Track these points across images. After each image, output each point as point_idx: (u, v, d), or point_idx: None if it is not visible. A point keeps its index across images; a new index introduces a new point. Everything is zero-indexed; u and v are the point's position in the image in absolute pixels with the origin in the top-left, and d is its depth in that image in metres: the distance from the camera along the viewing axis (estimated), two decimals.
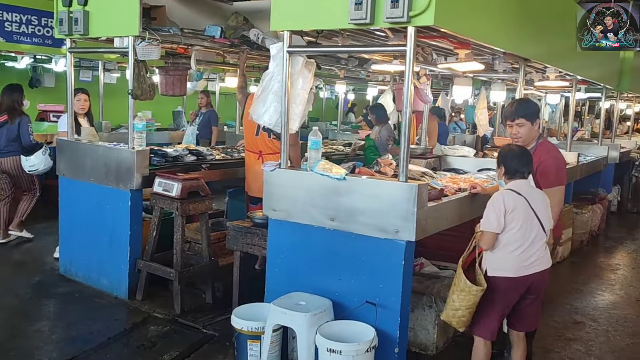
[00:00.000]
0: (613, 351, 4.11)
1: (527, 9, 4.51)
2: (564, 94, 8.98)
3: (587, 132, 11.63)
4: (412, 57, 3.09)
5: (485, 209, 3.14)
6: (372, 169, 4.60)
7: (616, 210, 9.59)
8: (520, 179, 3.17)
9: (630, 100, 12.01)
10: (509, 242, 3.07)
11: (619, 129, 13.10)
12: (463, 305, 3.08)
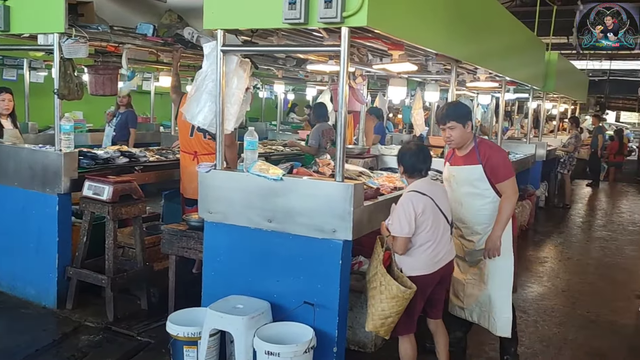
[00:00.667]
0: (542, 340, 4.29)
1: (458, 11, 4.64)
2: (495, 94, 9.34)
3: (517, 131, 12.12)
4: (346, 58, 3.11)
5: (394, 213, 3.18)
6: (311, 169, 4.61)
7: (544, 205, 10.06)
8: (420, 177, 3.26)
9: (556, 100, 12.61)
10: (422, 242, 3.16)
11: (546, 127, 13.76)
12: (394, 311, 3.12)
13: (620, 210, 10.64)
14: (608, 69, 25.21)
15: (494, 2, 6.20)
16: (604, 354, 4.14)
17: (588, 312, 4.94)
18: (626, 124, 27.13)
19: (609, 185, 14.32)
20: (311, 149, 6.11)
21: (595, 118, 15.99)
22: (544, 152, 9.14)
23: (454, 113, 3.59)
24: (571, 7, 12.45)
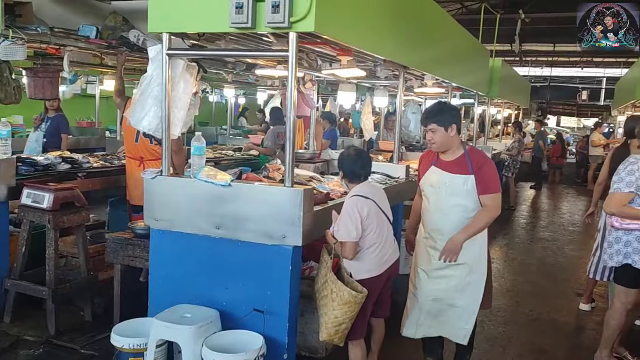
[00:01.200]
0: (488, 340, 4.41)
1: (405, 19, 4.72)
2: (442, 99, 9.54)
3: (464, 135, 12.43)
4: (294, 63, 3.10)
5: (340, 219, 3.21)
6: (261, 174, 4.58)
7: None
8: (360, 182, 3.33)
9: (500, 105, 13.04)
10: (369, 245, 3.23)
11: (491, 132, 14.20)
12: (347, 317, 3.15)
13: (561, 212, 11.08)
14: (549, 76, 26.33)
15: (440, 11, 6.35)
16: (545, 350, 4.29)
17: (531, 311, 5.11)
18: (566, 128, 28.29)
19: (551, 187, 14.89)
20: (268, 150, 6.14)
21: (537, 123, 16.63)
22: (489, 155, 9.42)
23: (434, 115, 3.36)
24: (513, 16, 12.94)
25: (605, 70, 24.54)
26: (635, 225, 3.62)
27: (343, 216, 3.18)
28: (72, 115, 9.95)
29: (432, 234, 3.45)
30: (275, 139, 6.00)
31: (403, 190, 5.06)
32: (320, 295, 3.25)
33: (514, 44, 13.24)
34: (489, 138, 12.52)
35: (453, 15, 18.68)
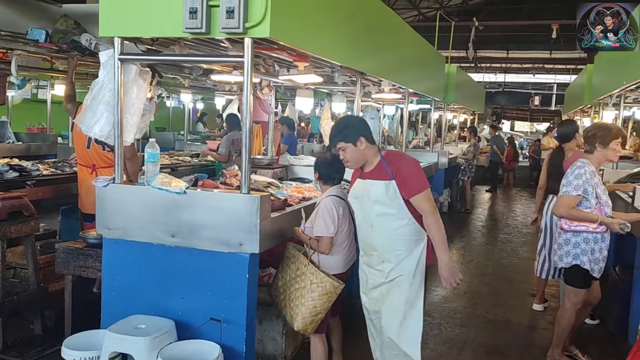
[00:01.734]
0: (445, 342, 4.47)
1: (362, 26, 4.77)
2: (399, 105, 9.68)
3: (421, 140, 12.63)
4: (250, 69, 3.08)
5: (318, 216, 3.42)
6: (218, 180, 4.52)
7: (447, 211, 10.55)
8: (333, 185, 3.56)
9: (456, 111, 13.31)
10: (341, 242, 3.46)
11: (448, 137, 14.48)
12: (325, 307, 3.32)
13: (515, 214, 11.37)
14: (503, 82, 27.10)
15: (396, 18, 6.44)
16: (500, 351, 4.38)
17: (487, 312, 5.22)
18: (520, 132, 29.10)
19: (505, 190, 15.27)
20: (221, 157, 6.09)
21: (492, 128, 17.06)
22: (446, 160, 9.61)
23: (340, 133, 3.22)
24: (467, 24, 13.27)
25: (556, 76, 25.44)
26: (583, 227, 3.75)
27: (322, 213, 3.37)
28: (23, 120, 9.64)
29: (365, 249, 3.32)
30: (230, 145, 5.97)
31: None
32: (295, 286, 3.37)
33: (469, 51, 13.53)
34: (446, 142, 12.77)
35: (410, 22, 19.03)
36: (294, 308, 3.35)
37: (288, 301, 3.41)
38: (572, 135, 5.12)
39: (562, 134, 5.28)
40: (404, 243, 3.14)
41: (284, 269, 3.53)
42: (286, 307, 3.44)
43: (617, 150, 3.80)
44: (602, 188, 3.82)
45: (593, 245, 3.76)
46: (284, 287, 3.47)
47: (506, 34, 21.29)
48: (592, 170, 3.76)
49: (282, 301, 3.50)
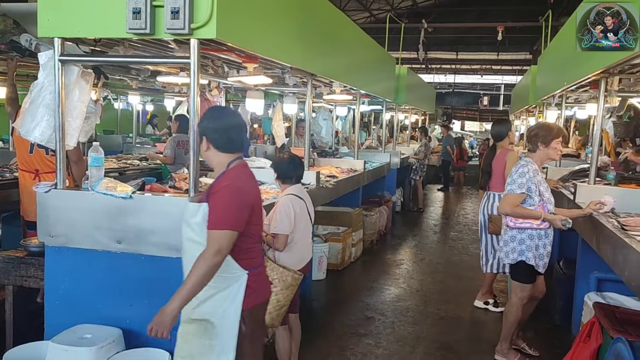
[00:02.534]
0: (398, 340, 4.53)
1: (312, 28, 4.78)
2: (351, 106, 9.75)
3: (374, 140, 12.76)
4: (196, 70, 3.03)
5: (275, 214, 3.51)
6: (167, 184, 4.42)
7: (400, 210, 10.70)
8: (292, 184, 3.66)
9: (407, 111, 13.51)
10: (297, 239, 3.55)
11: (400, 137, 14.69)
12: (288, 299, 3.43)
13: (466, 212, 11.64)
14: (453, 82, 27.73)
15: (347, 20, 6.49)
16: (451, 347, 4.47)
17: (438, 309, 5.32)
18: (470, 132, 29.81)
19: (456, 189, 15.62)
20: (167, 159, 5.98)
21: (444, 128, 17.41)
22: (398, 160, 9.74)
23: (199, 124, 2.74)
24: (417, 25, 13.49)
25: (503, 77, 26.22)
26: (528, 224, 3.87)
27: (280, 211, 3.47)
28: None
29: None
30: (176, 147, 5.87)
31: (314, 196, 5.08)
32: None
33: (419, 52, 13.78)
34: (398, 143, 12.95)
35: (361, 24, 19.22)
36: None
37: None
38: (504, 134, 5.43)
39: (495, 133, 5.58)
40: (213, 279, 2.42)
41: None
42: None
43: (558, 149, 3.94)
44: (545, 186, 3.95)
45: (537, 241, 3.89)
46: None
47: (455, 35, 21.81)
48: (535, 168, 3.89)
49: None
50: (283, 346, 3.66)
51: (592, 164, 4.58)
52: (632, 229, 3.42)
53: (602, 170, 5.79)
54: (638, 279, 2.78)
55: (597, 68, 4.13)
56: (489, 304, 5.50)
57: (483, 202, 5.44)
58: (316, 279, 5.86)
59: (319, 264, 5.95)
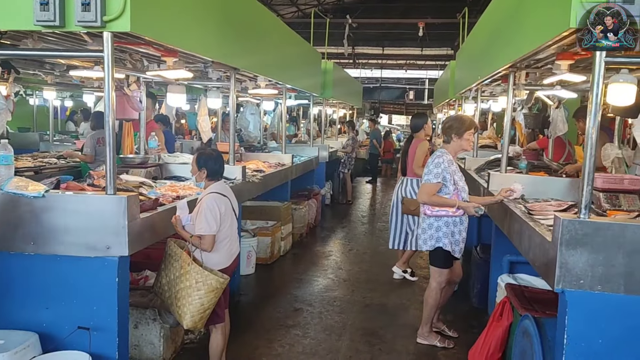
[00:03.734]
0: (325, 330, 4.62)
1: (234, 23, 4.76)
2: (278, 100, 9.76)
3: (303, 135, 12.84)
4: (110, 64, 2.97)
5: (200, 214, 3.36)
6: (84, 182, 4.28)
7: (329, 203, 10.85)
8: (217, 181, 3.61)
9: (335, 106, 13.70)
10: (223, 238, 3.50)
11: (330, 131, 14.87)
12: (212, 303, 3.39)
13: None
14: (380, 77, 28.30)
15: (271, 16, 6.51)
16: (376, 332, 4.61)
17: (364, 298, 5.46)
18: (397, 125, 30.56)
19: (384, 181, 16.00)
20: (87, 157, 5.78)
21: (371, 122, 17.77)
22: (326, 154, 9.87)
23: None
24: (342, 21, 13.68)
25: (427, 72, 27.04)
26: (444, 212, 4.05)
27: (204, 211, 3.37)
28: None
29: None
30: (95, 144, 5.69)
31: (240, 191, 5.08)
32: (178, 287, 3.38)
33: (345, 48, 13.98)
34: (328, 137, 13.11)
35: (289, 18, 19.24)
36: (181, 307, 3.37)
37: (175, 300, 3.41)
38: (420, 126, 6.02)
39: (413, 125, 6.21)
40: None
41: (167, 266, 3.51)
42: (173, 305, 3.45)
43: (470, 140, 4.15)
44: (460, 175, 4.16)
45: (453, 228, 4.09)
46: (168, 286, 3.47)
47: (381, 31, 22.26)
48: (449, 159, 4.08)
49: (168, 299, 3.50)
50: (217, 345, 3.58)
51: (503, 154, 4.85)
52: (537, 213, 3.66)
53: (515, 160, 6.15)
54: (541, 260, 2.99)
55: (506, 63, 4.39)
56: (407, 273, 6.08)
57: (397, 185, 6.03)
58: (245, 273, 5.86)
59: (248, 258, 5.95)
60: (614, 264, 2.59)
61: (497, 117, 10.82)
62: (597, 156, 4.97)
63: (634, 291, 2.58)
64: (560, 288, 2.65)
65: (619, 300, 2.60)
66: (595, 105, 2.64)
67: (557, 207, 3.77)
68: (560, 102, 5.77)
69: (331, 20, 11.76)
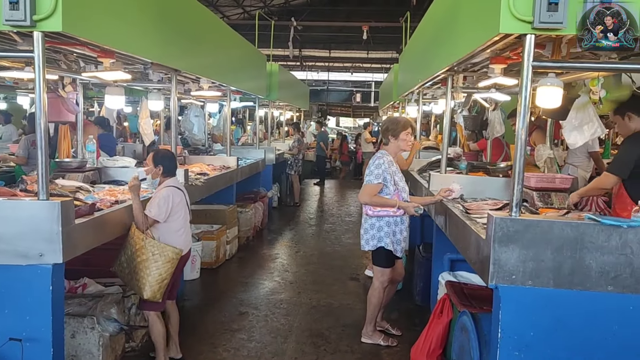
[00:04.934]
0: (271, 332, 4.61)
1: (175, 24, 4.68)
2: (222, 102, 9.66)
3: (249, 137, 12.76)
4: (41, 65, 2.87)
5: (156, 200, 3.73)
6: (17, 187, 4.11)
7: (277, 205, 10.83)
8: (172, 177, 3.90)
9: (282, 108, 13.68)
10: (178, 228, 3.81)
11: (276, 133, 14.84)
12: (169, 273, 3.68)
13: (340, 204, 12.07)
14: (327, 80, 28.50)
15: (214, 18, 6.44)
16: (322, 334, 4.64)
17: (310, 299, 5.49)
18: (344, 127, 30.85)
19: (334, 183, 16.11)
20: (19, 159, 5.57)
21: (318, 124, 17.86)
22: (273, 156, 9.84)
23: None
24: (287, 23, 13.70)
25: (373, 75, 27.45)
26: (385, 212, 4.13)
27: (158, 199, 3.70)
28: None
29: None
30: (29, 146, 5.48)
31: None
32: (135, 261, 3.67)
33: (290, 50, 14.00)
34: (275, 139, 13.09)
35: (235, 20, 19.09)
36: (140, 280, 3.65)
37: (134, 274, 3.69)
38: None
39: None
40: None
41: (125, 245, 3.76)
42: (132, 280, 3.71)
43: (407, 140, 4.24)
44: (400, 175, 4.24)
45: (394, 227, 4.17)
46: (127, 262, 3.73)
47: (328, 34, 22.44)
48: (389, 160, 4.16)
49: (127, 275, 3.75)
50: (157, 330, 3.75)
51: (442, 154, 4.98)
52: (474, 212, 3.79)
53: (455, 161, 6.34)
54: (476, 257, 3.09)
55: (444, 66, 4.51)
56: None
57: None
58: (189, 278, 5.78)
59: (192, 263, 5.86)
60: (543, 260, 2.71)
61: (440, 119, 11.11)
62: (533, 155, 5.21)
63: (561, 285, 2.71)
64: (494, 284, 2.75)
65: (548, 294, 2.73)
66: (524, 107, 2.75)
67: (493, 206, 3.92)
68: (497, 105, 5.98)
69: (276, 22, 11.74)
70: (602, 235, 2.68)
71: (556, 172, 4.89)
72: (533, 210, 3.93)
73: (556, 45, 3.08)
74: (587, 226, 2.70)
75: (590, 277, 2.69)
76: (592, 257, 2.69)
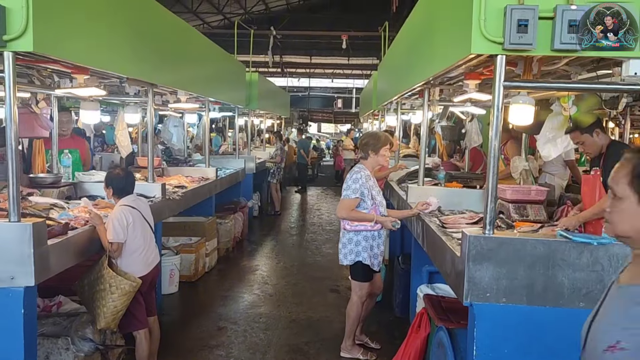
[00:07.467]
0: (249, 348, 4.58)
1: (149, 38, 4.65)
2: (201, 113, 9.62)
3: (230, 146, 12.71)
4: (11, 84, 2.84)
5: (110, 223, 3.63)
6: None
7: (258, 214, 10.79)
8: (127, 195, 3.82)
9: (262, 116, 13.66)
10: (136, 248, 3.71)
11: (257, 141, 14.79)
12: (125, 305, 3.60)
13: (321, 212, 12.07)
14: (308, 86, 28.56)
15: (190, 29, 6.42)
16: (301, 349, 4.62)
17: (290, 313, 5.46)
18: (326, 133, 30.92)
19: (314, 191, 16.11)
20: None
21: (299, 132, 17.88)
22: (253, 165, 9.81)
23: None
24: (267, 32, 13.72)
25: (354, 81, 27.56)
26: (362, 227, 4.14)
27: (113, 221, 3.61)
28: None
29: None
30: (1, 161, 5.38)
31: (160, 209, 4.95)
32: (94, 289, 3.61)
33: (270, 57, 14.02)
34: (256, 147, 13.05)
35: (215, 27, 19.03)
36: (96, 309, 3.61)
37: (91, 301, 3.65)
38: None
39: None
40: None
41: (90, 269, 3.72)
42: (90, 305, 3.69)
43: (386, 156, 4.27)
44: (377, 190, 4.26)
45: (372, 242, 4.18)
46: (88, 286, 3.69)
47: (309, 40, 22.48)
48: (367, 174, 4.17)
49: (86, 298, 3.73)
50: (142, 350, 3.76)
51: (420, 166, 5.00)
52: (450, 226, 3.82)
53: (434, 171, 6.38)
54: (452, 273, 3.12)
55: (421, 80, 4.55)
56: None
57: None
58: (167, 292, 5.72)
59: (170, 277, 5.81)
60: (516, 277, 2.74)
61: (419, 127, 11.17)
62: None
63: (534, 302, 2.74)
64: (469, 301, 2.78)
65: (522, 310, 2.76)
66: (496, 127, 2.78)
67: (469, 220, 3.95)
68: (474, 116, 6.05)
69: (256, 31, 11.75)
70: (574, 253, 2.73)
71: (531, 184, 4.94)
72: (509, 222, 3.97)
73: (527, 64, 3.12)
74: (559, 244, 2.74)
75: (562, 294, 2.74)
76: (564, 274, 2.73)
